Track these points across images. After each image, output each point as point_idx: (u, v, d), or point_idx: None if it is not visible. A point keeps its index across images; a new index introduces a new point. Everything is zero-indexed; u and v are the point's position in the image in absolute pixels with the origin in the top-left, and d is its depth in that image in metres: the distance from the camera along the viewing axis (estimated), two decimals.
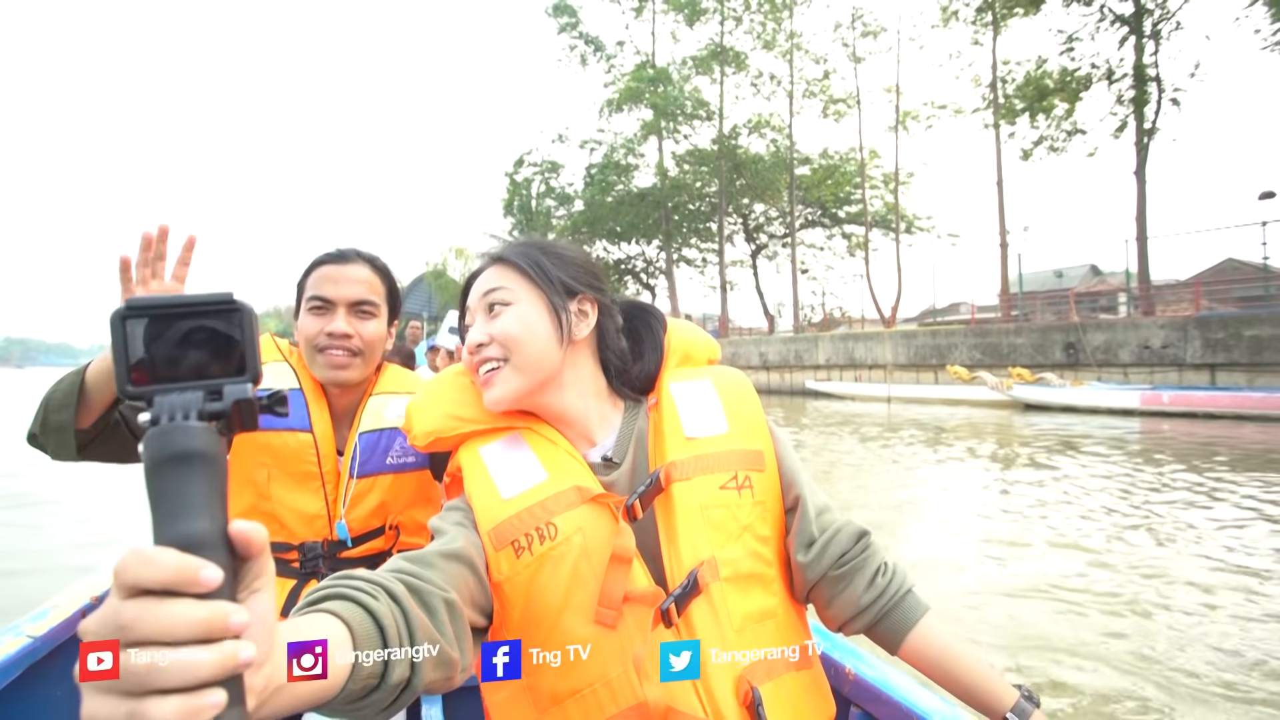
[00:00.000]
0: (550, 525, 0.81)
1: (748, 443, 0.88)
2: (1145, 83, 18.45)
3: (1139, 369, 15.39)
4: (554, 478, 0.84)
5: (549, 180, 37.71)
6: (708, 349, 1.01)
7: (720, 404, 0.91)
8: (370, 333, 1.29)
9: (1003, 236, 22.30)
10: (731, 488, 0.85)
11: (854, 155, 30.13)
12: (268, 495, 1.25)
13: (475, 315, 0.91)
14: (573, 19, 33.68)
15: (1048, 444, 9.42)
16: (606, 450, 0.90)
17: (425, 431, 0.91)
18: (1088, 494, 6.11)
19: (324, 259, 1.30)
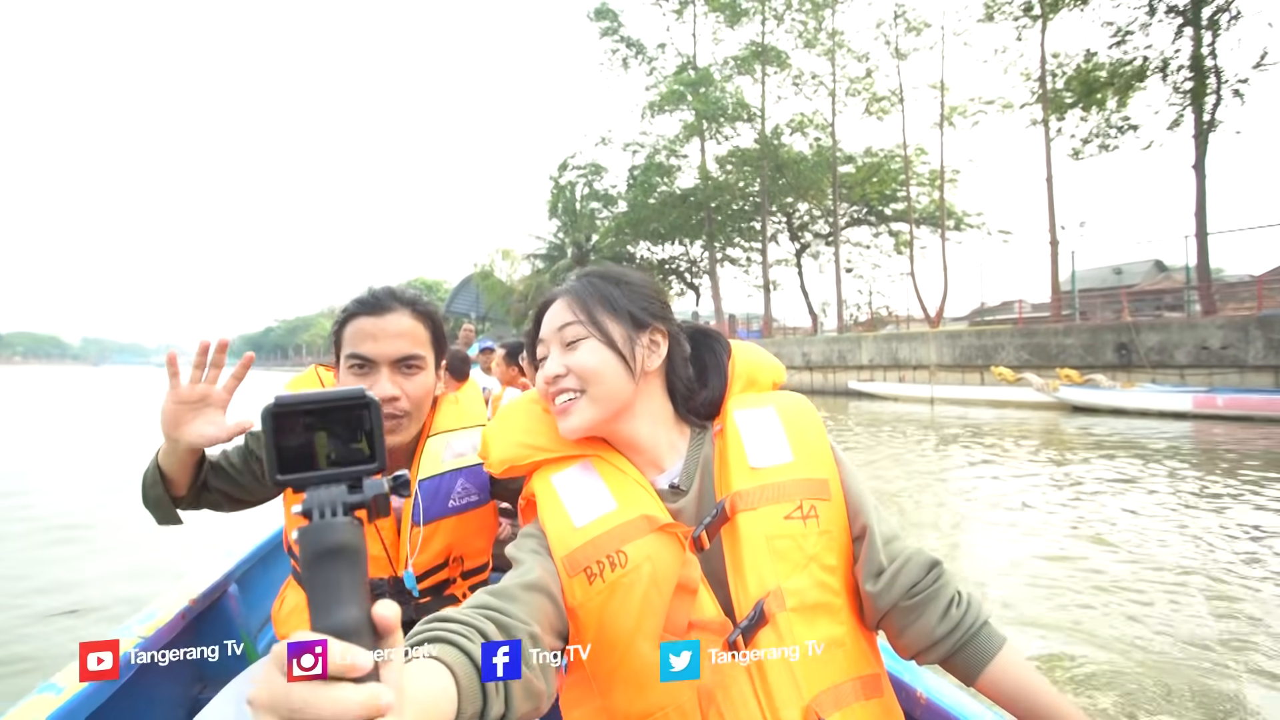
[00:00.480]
0: (620, 553, 0.83)
1: (812, 471, 0.89)
2: (1204, 74, 17.75)
3: (1196, 371, 14.85)
4: (623, 506, 0.87)
5: (592, 183, 38.17)
6: (772, 372, 1.03)
7: (784, 432, 0.92)
8: (418, 389, 1.23)
9: (1053, 234, 21.69)
10: (797, 517, 0.85)
11: (899, 153, 29.64)
12: None
13: (550, 347, 0.94)
14: (614, 23, 34.03)
15: (1087, 446, 9.29)
16: (674, 477, 0.93)
17: (500, 459, 0.96)
18: (1119, 495, 6.09)
19: (359, 309, 1.21)
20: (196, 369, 1.06)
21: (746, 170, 32.36)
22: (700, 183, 32.88)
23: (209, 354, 1.06)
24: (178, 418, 1.07)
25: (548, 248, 43.26)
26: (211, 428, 1.09)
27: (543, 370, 0.93)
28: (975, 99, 26.30)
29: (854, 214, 35.19)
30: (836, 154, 30.45)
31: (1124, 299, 18.59)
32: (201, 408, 1.08)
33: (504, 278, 47.64)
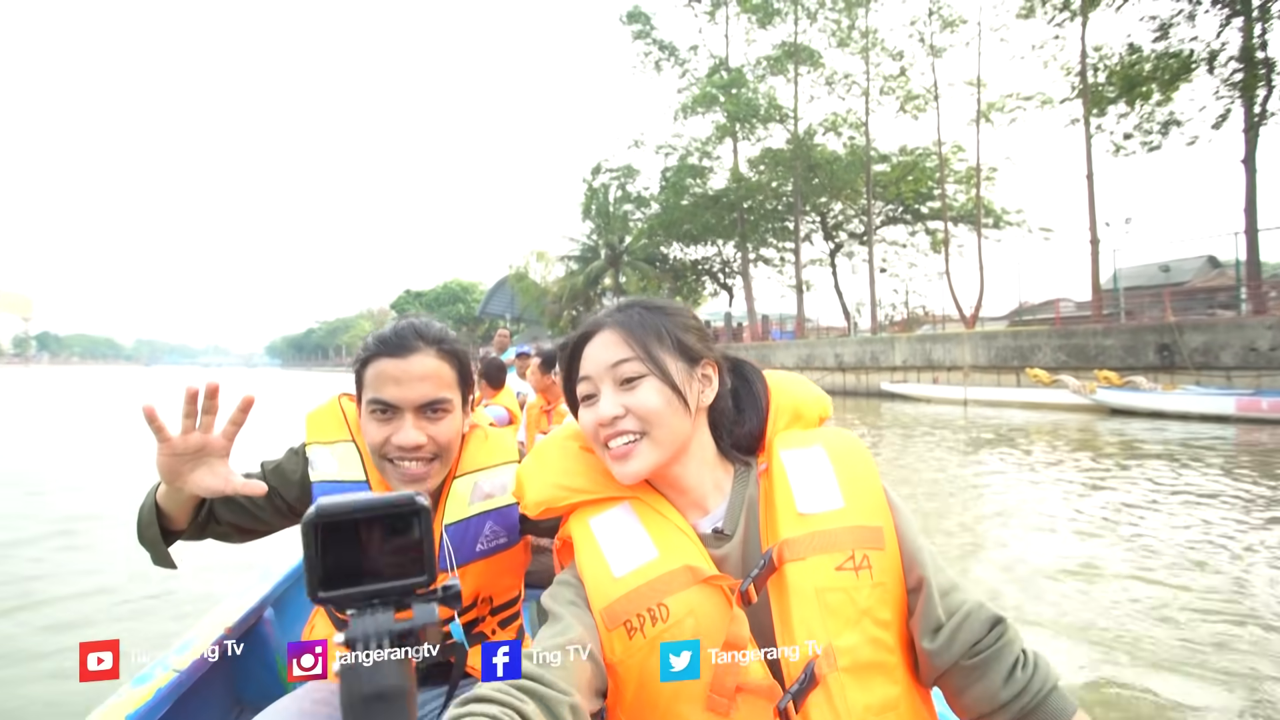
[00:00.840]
0: (662, 607, 0.79)
1: (866, 518, 0.84)
2: (1254, 65, 17.18)
3: (1244, 373, 14.42)
4: (665, 555, 0.82)
5: (625, 185, 38.42)
6: (818, 405, 0.98)
7: (835, 474, 0.87)
8: (445, 434, 1.16)
9: (1093, 232, 21.20)
10: (849, 568, 0.80)
11: (934, 151, 29.23)
12: None
13: (600, 385, 0.88)
14: (646, 26, 34.20)
15: (1119, 449, 9.12)
16: (718, 520, 0.88)
17: (536, 501, 0.92)
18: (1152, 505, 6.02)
19: (380, 349, 1.14)
20: (187, 418, 0.96)
21: (779, 170, 32.24)
22: (732, 184, 32.85)
23: (198, 401, 0.96)
24: (175, 469, 0.99)
25: (581, 249, 43.64)
26: (214, 479, 1.01)
27: (594, 411, 0.87)
28: (1013, 95, 25.81)
29: (889, 212, 34.82)
30: (871, 153, 30.14)
31: (1167, 298, 18.00)
32: (201, 457, 1.00)
33: (538, 279, 48.21)
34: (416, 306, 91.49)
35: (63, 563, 4.74)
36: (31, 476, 8.08)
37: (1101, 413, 14.17)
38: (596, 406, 0.88)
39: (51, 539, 5.29)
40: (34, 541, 5.22)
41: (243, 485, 1.03)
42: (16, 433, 13.77)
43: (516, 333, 48.48)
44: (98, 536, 5.31)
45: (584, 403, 0.90)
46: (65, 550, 5.04)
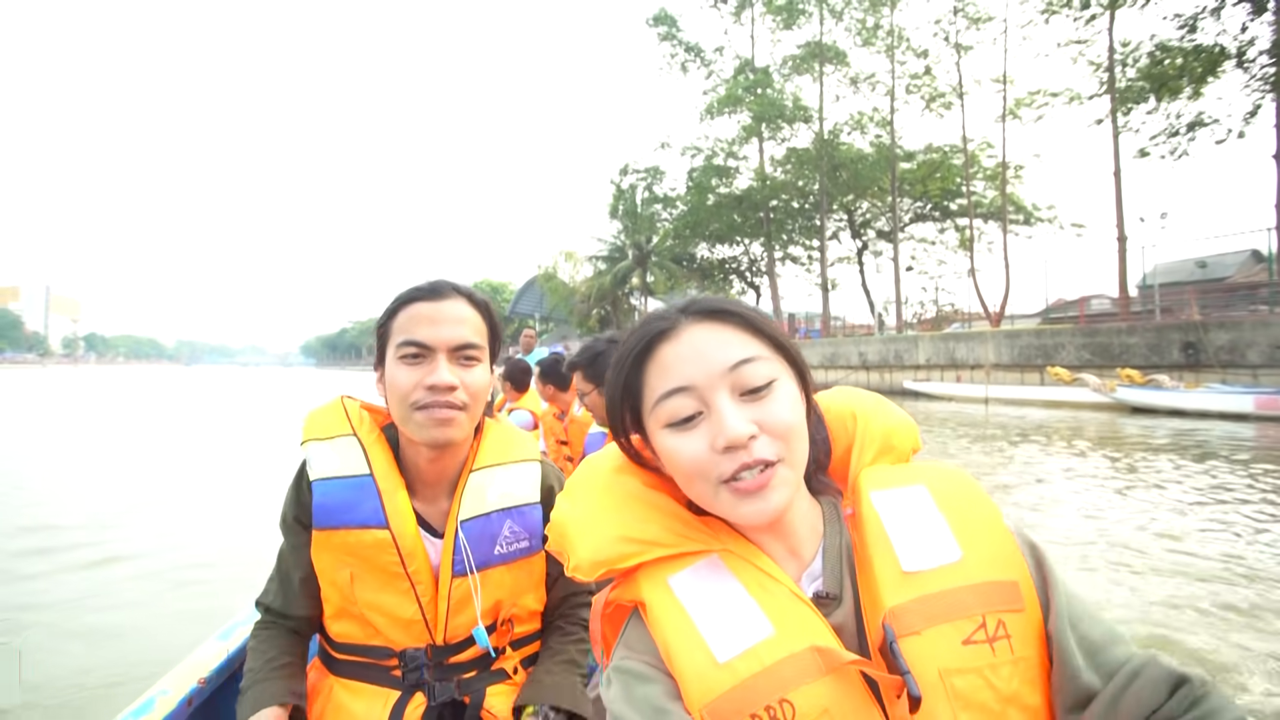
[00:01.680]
0: (786, 704, 0.60)
1: (995, 571, 0.65)
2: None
3: (1271, 371, 14.36)
4: (782, 632, 0.63)
5: (652, 186, 38.87)
6: (910, 435, 0.79)
7: (945, 519, 0.68)
8: (476, 382, 1.10)
9: (1120, 229, 21.10)
10: (980, 640, 0.61)
11: (961, 148, 29.19)
12: (353, 599, 1.11)
13: (714, 396, 0.65)
14: (672, 28, 34.58)
15: (1135, 445, 9.32)
16: (816, 576, 0.69)
17: (595, 561, 0.70)
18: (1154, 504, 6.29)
19: (415, 294, 1.10)
20: None
21: (805, 170, 32.41)
22: (757, 183, 33.11)
23: None
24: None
25: (609, 249, 44.14)
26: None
27: (706, 433, 0.65)
28: (1041, 91, 25.68)
29: (918, 210, 34.75)
30: (896, 151, 30.19)
31: (1192, 296, 17.90)
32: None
33: (567, 279, 48.85)
34: None
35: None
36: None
37: (1122, 411, 14.25)
38: (713, 427, 0.65)
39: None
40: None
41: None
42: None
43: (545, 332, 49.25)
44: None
45: (680, 431, 0.67)
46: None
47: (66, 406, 20.88)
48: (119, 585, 4.28)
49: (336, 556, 1.11)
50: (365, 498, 1.09)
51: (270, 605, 1.18)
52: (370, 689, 1.13)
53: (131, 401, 24.07)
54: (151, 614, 3.80)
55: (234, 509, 6.35)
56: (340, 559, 1.11)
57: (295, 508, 1.14)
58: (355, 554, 1.09)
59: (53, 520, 5.80)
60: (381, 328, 1.12)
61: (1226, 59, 18.03)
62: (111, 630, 3.59)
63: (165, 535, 5.40)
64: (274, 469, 7.03)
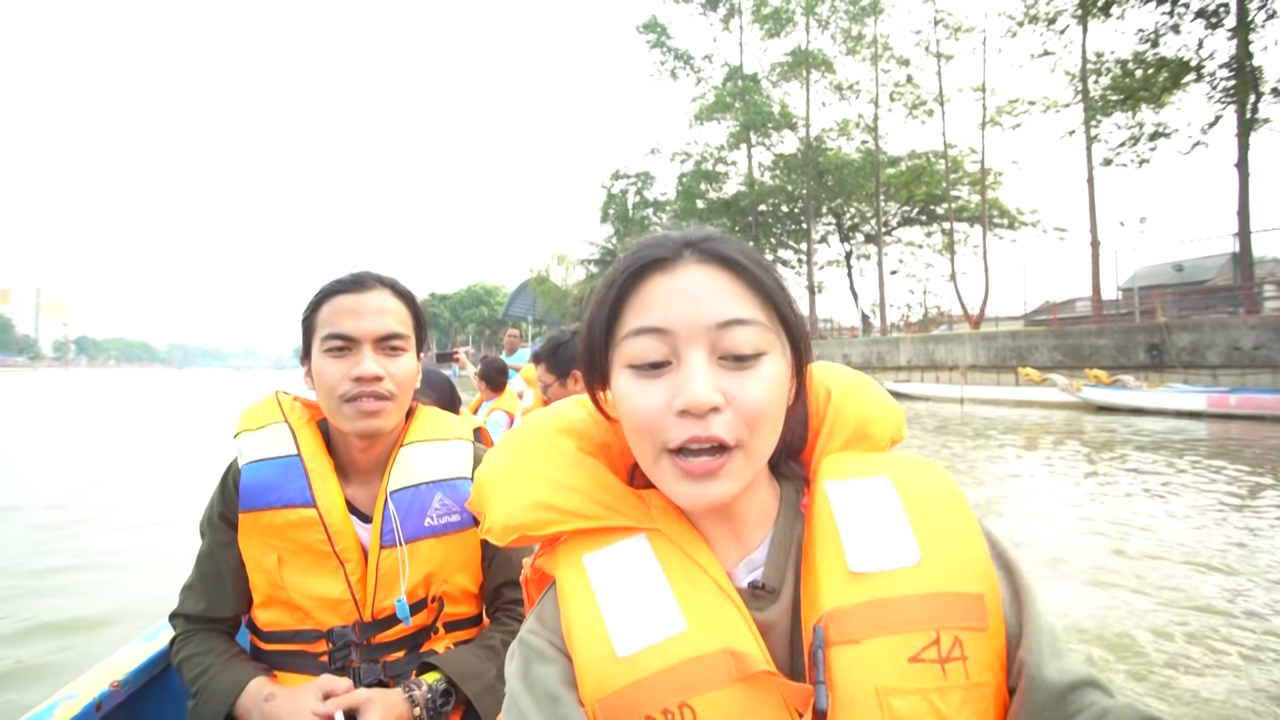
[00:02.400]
0: (686, 709, 0.53)
1: (957, 581, 0.55)
2: (1245, 72, 17.78)
3: (1229, 371, 15.06)
4: (694, 629, 0.55)
5: (643, 190, 39.50)
6: (891, 422, 0.69)
7: (906, 517, 0.58)
8: (403, 371, 1.11)
9: (1094, 234, 21.86)
10: (931, 659, 0.52)
11: (942, 155, 29.99)
12: (281, 584, 1.10)
13: (689, 351, 0.55)
14: (662, 35, 35.26)
15: (1088, 441, 9.92)
16: (756, 568, 0.61)
17: (507, 525, 0.63)
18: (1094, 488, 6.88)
19: (337, 287, 1.11)
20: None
21: (793, 176, 33.12)
22: (745, 188, 33.81)
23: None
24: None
25: (601, 252, 44.67)
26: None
27: (666, 386, 0.56)
28: (1019, 100, 26.45)
29: (905, 213, 35.51)
30: (880, 157, 30.92)
31: (1157, 300, 18.64)
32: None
33: (559, 282, 49.35)
34: (441, 309, 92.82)
35: None
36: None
37: (1088, 409, 14.90)
38: (672, 382, 0.56)
39: None
40: None
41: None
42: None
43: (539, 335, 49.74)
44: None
45: (641, 372, 0.57)
46: None
47: (57, 411, 20.73)
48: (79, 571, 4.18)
49: (264, 540, 1.10)
50: (292, 477, 1.09)
51: (191, 613, 1.14)
52: (298, 678, 1.10)
53: (122, 406, 23.84)
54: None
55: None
56: (267, 542, 1.09)
57: (221, 505, 1.13)
58: (282, 535, 1.08)
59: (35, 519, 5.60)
60: (306, 320, 1.12)
61: (1189, 71, 18.78)
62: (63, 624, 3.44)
63: (137, 534, 5.20)
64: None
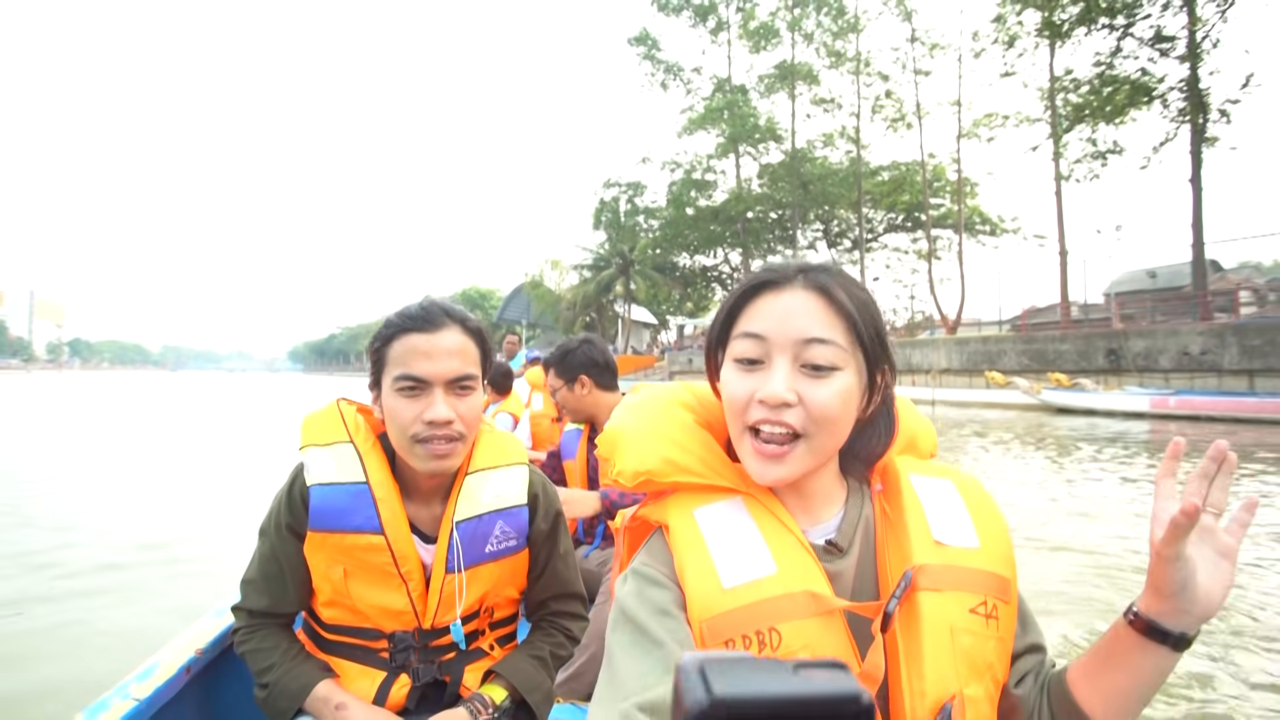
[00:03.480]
0: (774, 632, 0.68)
1: (998, 566, 0.74)
2: (1197, 94, 18.90)
3: (1179, 375, 16.14)
4: (784, 573, 0.70)
5: (634, 198, 40.44)
6: (929, 439, 0.89)
7: (968, 514, 0.77)
8: (471, 411, 1.14)
9: (1061, 244, 22.97)
10: (981, 614, 0.71)
11: (926, 163, 31.12)
12: (346, 593, 1.17)
13: (777, 356, 0.72)
14: (652, 48, 36.27)
15: (1037, 439, 10.92)
16: (829, 532, 0.77)
17: (636, 470, 0.78)
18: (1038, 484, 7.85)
19: (408, 325, 1.12)
20: None
21: (780, 185, 34.15)
22: (732, 198, 34.82)
23: None
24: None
25: (594, 258, 45.55)
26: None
27: (754, 381, 0.72)
28: (993, 114, 27.59)
29: (891, 220, 36.58)
30: (863, 167, 32.01)
31: (1116, 307, 19.75)
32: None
33: (553, 286, 50.14)
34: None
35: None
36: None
37: (1048, 410, 15.97)
38: (761, 378, 0.72)
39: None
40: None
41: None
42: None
43: (533, 338, 50.66)
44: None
45: (741, 366, 0.74)
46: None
47: (51, 412, 20.71)
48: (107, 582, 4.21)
49: (331, 556, 1.15)
50: (361, 505, 1.13)
51: (255, 608, 1.21)
52: (358, 668, 1.21)
53: (118, 407, 23.76)
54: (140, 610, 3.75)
55: (219, 511, 6.18)
56: (335, 558, 1.15)
57: (289, 517, 1.17)
58: (349, 554, 1.14)
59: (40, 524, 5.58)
60: (377, 352, 1.14)
61: (1146, 92, 19.92)
62: (100, 626, 3.55)
63: (147, 534, 5.27)
64: (260, 473, 7.50)
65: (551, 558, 1.31)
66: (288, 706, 1.15)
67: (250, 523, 1.27)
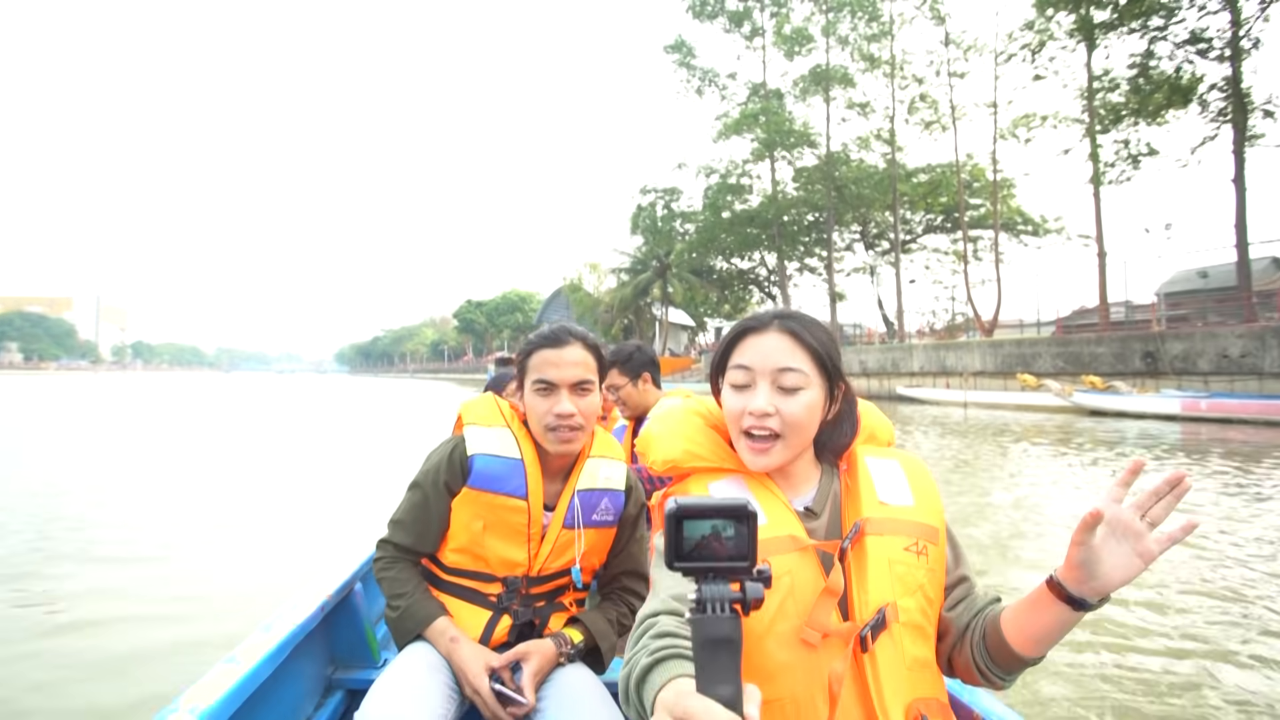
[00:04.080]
0: (765, 562, 0.86)
1: (927, 518, 1.03)
2: (1239, 94, 18.57)
3: (1218, 378, 15.98)
4: (772, 523, 0.97)
5: (670, 204, 40.84)
6: (887, 431, 1.18)
7: (907, 482, 1.07)
8: (589, 408, 1.46)
9: (1100, 245, 22.63)
10: (913, 551, 0.99)
11: (957, 166, 30.88)
12: (480, 543, 1.48)
13: (760, 381, 1.01)
14: (687, 56, 36.62)
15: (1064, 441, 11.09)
16: (807, 502, 1.06)
17: (664, 459, 1.09)
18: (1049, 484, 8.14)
19: (543, 343, 1.47)
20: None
21: (814, 188, 34.16)
22: (767, 202, 34.94)
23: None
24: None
25: (631, 262, 46.06)
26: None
27: (744, 399, 1.02)
28: (1030, 115, 27.27)
29: (930, 221, 36.28)
30: (898, 170, 31.86)
31: (1153, 311, 19.47)
32: None
33: (591, 290, 50.88)
34: (477, 315, 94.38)
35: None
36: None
37: (1080, 413, 15.95)
38: (749, 397, 1.01)
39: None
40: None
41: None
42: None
43: None
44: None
45: (734, 389, 1.04)
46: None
47: (133, 410, 22.14)
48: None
49: (476, 511, 1.45)
50: (515, 475, 1.46)
51: (400, 543, 1.50)
52: (469, 607, 1.48)
53: (185, 406, 25.09)
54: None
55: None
56: (479, 513, 1.45)
57: (448, 475, 1.48)
58: (494, 511, 1.45)
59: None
60: (520, 364, 1.50)
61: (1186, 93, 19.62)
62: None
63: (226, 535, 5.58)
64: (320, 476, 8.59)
65: (631, 540, 1.62)
66: (413, 628, 1.43)
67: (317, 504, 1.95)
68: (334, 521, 5.97)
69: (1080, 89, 23.38)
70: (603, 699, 1.37)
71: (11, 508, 6.32)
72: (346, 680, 1.76)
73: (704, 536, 0.57)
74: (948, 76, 29.26)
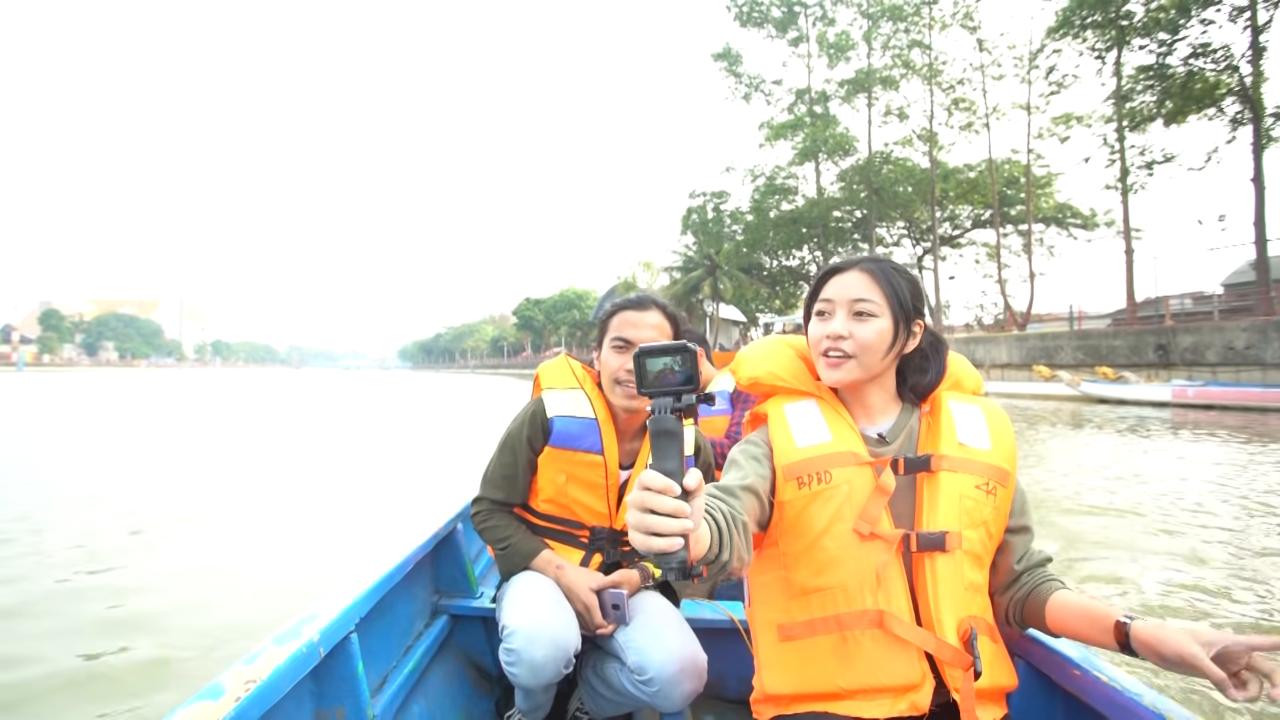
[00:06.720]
0: (827, 473, 1.10)
1: (1002, 463, 1.13)
2: (1258, 95, 19.43)
3: (1225, 369, 17.22)
4: (835, 440, 1.13)
5: (719, 206, 42.62)
6: (974, 381, 1.27)
7: (987, 428, 1.16)
8: None
9: (1128, 242, 23.62)
10: (983, 490, 1.10)
11: (994, 165, 31.79)
12: (565, 494, 1.62)
13: (838, 310, 1.15)
14: (734, 64, 38.33)
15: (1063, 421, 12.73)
16: (881, 430, 1.18)
17: (750, 376, 1.24)
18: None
19: (626, 305, 1.61)
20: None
21: (855, 189, 35.47)
22: (810, 204, 36.48)
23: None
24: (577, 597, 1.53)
25: (683, 260, 47.56)
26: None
27: (824, 326, 1.15)
28: (1068, 115, 28.13)
29: (976, 216, 37.02)
30: (938, 169, 32.94)
31: (1167, 306, 20.56)
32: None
33: (645, 287, 52.62)
34: (536, 312, 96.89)
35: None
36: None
37: (1089, 401, 17.41)
38: (828, 323, 1.15)
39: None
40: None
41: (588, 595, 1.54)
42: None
43: None
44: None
45: (818, 317, 1.18)
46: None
47: (232, 402, 23.90)
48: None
49: (559, 466, 1.61)
50: (590, 433, 1.59)
51: (493, 498, 1.67)
52: (563, 547, 1.67)
53: (273, 399, 26.55)
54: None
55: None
56: (560, 468, 1.61)
57: (530, 431, 1.63)
58: (574, 466, 1.60)
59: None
60: (602, 324, 1.65)
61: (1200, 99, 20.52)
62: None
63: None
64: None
65: None
66: (520, 562, 1.62)
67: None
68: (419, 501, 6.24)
69: (1110, 92, 24.30)
70: (678, 620, 1.55)
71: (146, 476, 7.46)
72: (450, 606, 1.92)
73: (659, 370, 0.77)
74: (982, 80, 30.31)
